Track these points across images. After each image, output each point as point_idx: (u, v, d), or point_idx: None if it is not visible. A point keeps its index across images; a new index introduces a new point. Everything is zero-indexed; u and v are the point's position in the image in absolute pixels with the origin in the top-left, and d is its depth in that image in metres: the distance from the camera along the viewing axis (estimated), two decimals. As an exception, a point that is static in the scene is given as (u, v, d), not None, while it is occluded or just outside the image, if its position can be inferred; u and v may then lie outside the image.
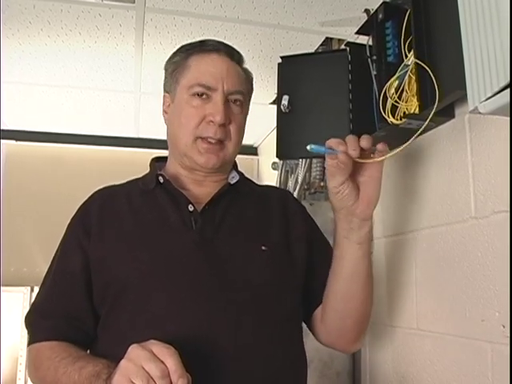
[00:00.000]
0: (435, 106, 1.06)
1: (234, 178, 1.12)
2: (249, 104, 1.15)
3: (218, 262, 0.98)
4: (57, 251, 1.09)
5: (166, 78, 1.14)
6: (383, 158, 0.96)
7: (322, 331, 1.11)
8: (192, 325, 0.92)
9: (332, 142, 0.94)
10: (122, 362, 0.78)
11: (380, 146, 0.96)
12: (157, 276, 0.97)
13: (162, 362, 0.76)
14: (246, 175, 1.20)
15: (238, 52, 1.12)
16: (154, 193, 1.08)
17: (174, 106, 1.11)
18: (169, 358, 0.76)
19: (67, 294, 1.02)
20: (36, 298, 1.07)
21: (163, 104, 1.15)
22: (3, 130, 2.70)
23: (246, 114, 1.14)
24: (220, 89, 1.05)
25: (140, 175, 1.16)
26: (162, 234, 1.02)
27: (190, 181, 1.11)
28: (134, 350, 0.78)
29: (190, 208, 1.03)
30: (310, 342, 1.14)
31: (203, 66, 1.07)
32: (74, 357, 0.92)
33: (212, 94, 1.05)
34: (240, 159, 1.18)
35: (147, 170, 1.17)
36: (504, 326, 0.96)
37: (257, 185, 1.23)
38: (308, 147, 0.93)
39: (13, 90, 2.19)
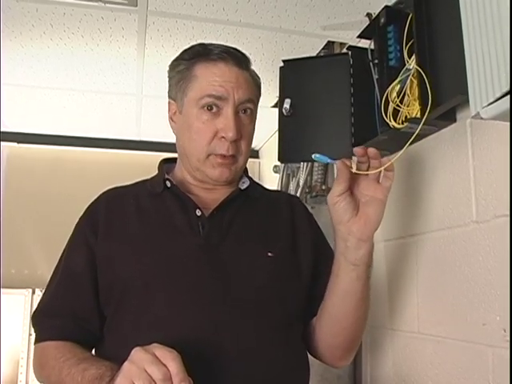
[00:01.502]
0: (427, 111, 1.07)
1: (244, 183, 1.12)
2: (257, 108, 1.13)
3: (221, 266, 0.98)
4: (64, 251, 1.09)
5: (170, 85, 1.11)
6: (377, 170, 0.97)
7: (312, 342, 1.10)
8: (194, 327, 0.92)
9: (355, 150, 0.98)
10: (125, 365, 0.78)
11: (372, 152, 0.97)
12: (159, 278, 0.97)
13: (165, 365, 0.76)
14: (256, 180, 1.18)
15: (244, 56, 1.07)
16: (161, 196, 1.08)
17: (182, 118, 1.08)
18: (171, 361, 0.76)
19: (73, 294, 1.02)
20: (43, 297, 1.07)
21: (169, 111, 1.12)
22: (5, 132, 2.70)
23: (256, 118, 1.12)
24: (231, 101, 1.02)
25: (148, 177, 1.15)
26: (166, 237, 1.02)
27: (199, 188, 1.10)
28: (136, 353, 0.78)
29: (198, 213, 1.03)
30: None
31: (210, 76, 1.03)
32: (79, 358, 0.92)
33: (223, 107, 1.02)
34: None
35: (149, 173, 1.16)
36: (505, 330, 0.96)
37: (266, 189, 1.22)
38: (313, 156, 0.99)
39: (15, 92, 2.20)
